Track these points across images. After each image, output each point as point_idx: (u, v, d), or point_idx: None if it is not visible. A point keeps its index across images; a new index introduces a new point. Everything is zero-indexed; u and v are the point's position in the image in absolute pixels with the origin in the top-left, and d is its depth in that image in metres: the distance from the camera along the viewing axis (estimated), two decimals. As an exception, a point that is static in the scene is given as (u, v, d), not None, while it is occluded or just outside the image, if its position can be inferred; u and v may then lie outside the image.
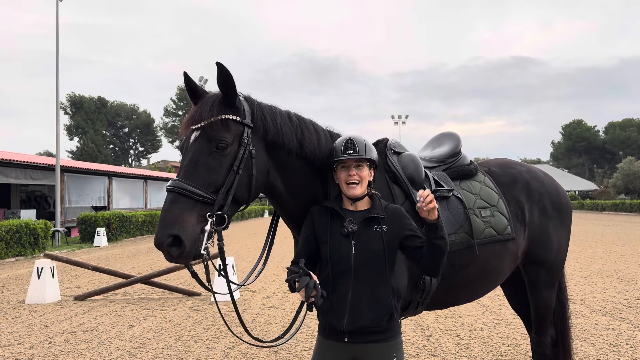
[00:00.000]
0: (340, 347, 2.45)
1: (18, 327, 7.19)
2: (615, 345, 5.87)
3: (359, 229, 2.49)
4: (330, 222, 2.54)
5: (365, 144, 2.58)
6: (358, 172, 2.53)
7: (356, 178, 2.52)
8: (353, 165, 2.54)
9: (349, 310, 2.41)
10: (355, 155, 2.53)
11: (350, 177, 2.52)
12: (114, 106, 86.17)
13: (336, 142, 2.66)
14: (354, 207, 2.57)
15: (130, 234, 23.65)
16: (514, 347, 5.85)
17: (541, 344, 3.76)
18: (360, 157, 2.53)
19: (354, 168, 2.54)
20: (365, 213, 2.54)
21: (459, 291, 3.25)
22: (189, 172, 2.41)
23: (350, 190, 2.52)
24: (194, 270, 2.45)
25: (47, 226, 17.43)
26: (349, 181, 2.52)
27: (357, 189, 2.52)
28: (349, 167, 2.54)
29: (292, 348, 5.90)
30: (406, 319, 6.94)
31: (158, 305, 8.52)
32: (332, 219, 2.55)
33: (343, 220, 2.51)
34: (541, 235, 3.55)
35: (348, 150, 2.55)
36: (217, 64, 2.44)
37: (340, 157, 2.56)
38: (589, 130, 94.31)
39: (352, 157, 2.53)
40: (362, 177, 2.53)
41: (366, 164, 2.56)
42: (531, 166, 3.93)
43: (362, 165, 2.55)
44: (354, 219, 2.51)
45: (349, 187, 2.52)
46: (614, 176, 61.54)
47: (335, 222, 2.53)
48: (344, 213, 2.54)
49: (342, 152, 2.57)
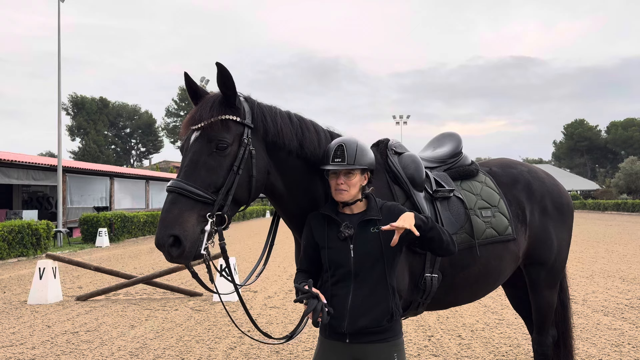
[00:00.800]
0: (341, 347, 2.46)
1: (20, 328, 7.20)
2: (617, 345, 5.86)
3: (356, 232, 2.47)
4: (327, 229, 2.53)
5: (356, 151, 2.53)
6: (347, 180, 2.50)
7: (344, 187, 2.50)
8: (343, 172, 2.51)
9: (350, 313, 2.41)
10: (342, 165, 2.49)
11: (338, 185, 2.51)
12: (115, 107, 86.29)
13: (329, 147, 2.63)
14: (349, 211, 2.56)
15: (132, 234, 23.67)
16: (516, 347, 5.84)
17: (543, 344, 3.76)
18: (347, 168, 2.50)
19: (342, 176, 2.51)
20: (361, 216, 2.52)
21: (460, 291, 3.25)
22: (189, 172, 2.41)
23: (338, 196, 2.51)
24: (195, 271, 2.46)
25: (49, 227, 17.44)
26: (337, 188, 2.51)
27: (345, 195, 2.50)
28: (338, 175, 2.52)
29: (293, 348, 5.90)
30: (407, 319, 6.94)
31: (160, 306, 8.53)
32: (328, 225, 2.54)
33: (339, 226, 2.50)
34: (542, 236, 3.54)
35: (337, 158, 2.52)
36: (217, 64, 2.44)
37: (328, 165, 2.54)
38: (591, 130, 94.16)
39: (338, 167, 2.50)
40: (350, 185, 2.50)
41: (357, 171, 2.52)
42: (532, 166, 3.92)
43: (352, 172, 2.51)
44: (350, 222, 2.50)
45: (337, 193, 2.51)
46: (616, 176, 61.48)
47: (332, 227, 2.53)
48: (340, 218, 2.53)
49: (330, 159, 2.54)
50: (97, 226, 21.24)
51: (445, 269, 3.04)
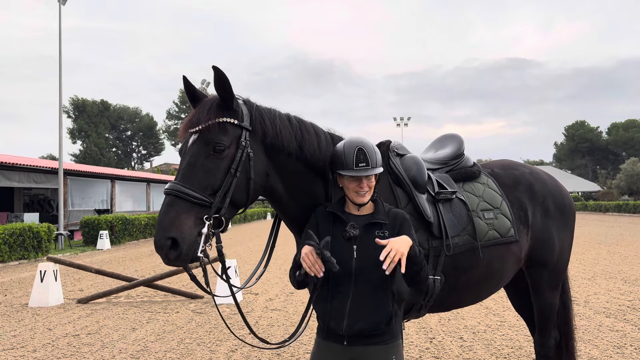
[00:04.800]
0: (339, 349, 2.44)
1: (21, 331, 7.19)
2: (620, 347, 5.84)
3: (361, 233, 2.46)
4: (332, 226, 2.52)
5: (375, 153, 2.54)
6: (368, 183, 2.50)
7: (366, 189, 2.49)
8: (364, 176, 2.49)
9: (348, 315, 2.39)
10: (369, 171, 2.47)
11: (361, 188, 2.49)
12: (116, 109, 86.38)
13: (345, 151, 2.55)
14: (357, 211, 2.55)
15: (133, 236, 23.66)
16: (517, 349, 5.83)
17: (545, 346, 3.75)
18: (376, 173, 2.50)
19: (364, 179, 2.49)
20: (368, 218, 2.51)
21: (462, 293, 3.24)
22: (186, 175, 2.42)
23: (360, 199, 2.50)
24: (193, 274, 2.46)
25: (50, 229, 17.44)
26: (359, 192, 2.49)
27: (367, 197, 2.50)
28: (360, 179, 2.49)
29: (294, 351, 5.89)
30: (409, 322, 6.93)
31: (161, 308, 8.52)
32: (334, 223, 2.53)
33: (345, 225, 2.49)
34: (544, 237, 3.53)
35: (361, 162, 2.48)
36: (214, 68, 2.45)
37: (352, 170, 2.49)
38: (592, 131, 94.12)
39: (367, 173, 2.47)
40: (371, 186, 2.51)
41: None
42: (534, 167, 3.91)
43: (373, 174, 2.52)
44: (357, 223, 2.49)
45: (358, 196, 2.49)
46: (617, 177, 61.44)
47: (337, 226, 2.51)
48: (347, 217, 2.52)
49: (354, 164, 2.49)
50: (98, 229, 21.23)
51: (447, 271, 3.03)
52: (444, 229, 3.00)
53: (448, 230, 3.01)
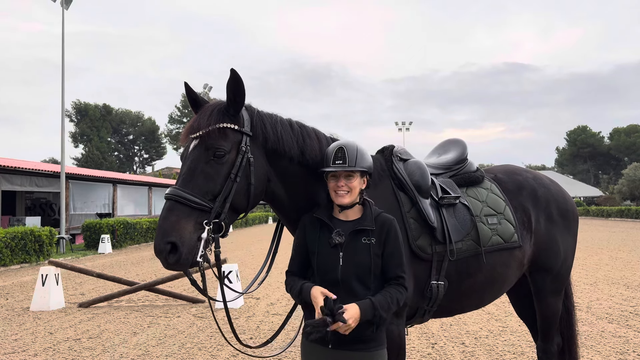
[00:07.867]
0: (323, 351, 2.44)
1: (22, 334, 7.19)
2: (622, 352, 5.82)
3: (347, 240, 2.47)
4: (319, 233, 2.53)
5: (356, 153, 2.55)
6: (347, 183, 2.50)
7: (345, 189, 2.50)
8: (343, 175, 2.51)
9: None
10: (344, 167, 2.50)
11: (339, 187, 2.50)
12: (118, 113, 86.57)
13: (328, 149, 2.65)
14: (344, 216, 2.55)
15: (135, 240, 23.66)
16: (520, 355, 5.80)
17: (547, 352, 3.73)
18: (348, 170, 2.51)
19: (343, 178, 2.51)
20: (354, 224, 2.51)
21: (465, 299, 3.23)
22: (186, 180, 2.43)
23: (339, 199, 2.51)
24: (193, 278, 2.47)
25: (51, 233, 17.46)
26: (337, 191, 2.51)
27: (346, 198, 2.50)
28: (338, 177, 2.52)
29: (295, 355, 5.87)
30: (411, 327, 6.90)
31: (162, 313, 8.51)
32: (321, 229, 2.54)
33: (332, 231, 2.49)
34: (547, 242, 3.53)
35: (338, 160, 2.53)
36: (231, 71, 2.49)
37: (329, 167, 2.55)
38: (593, 137, 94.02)
39: (340, 168, 2.50)
40: (351, 187, 2.50)
41: (357, 173, 2.53)
42: (537, 173, 3.91)
43: (352, 175, 2.51)
44: (343, 229, 2.49)
45: (337, 196, 2.51)
46: (620, 182, 61.34)
47: (324, 232, 2.52)
48: (333, 223, 2.52)
49: (331, 161, 2.55)
50: (100, 233, 21.25)
51: (451, 276, 3.02)
52: (447, 234, 2.99)
53: (451, 236, 3.00)
